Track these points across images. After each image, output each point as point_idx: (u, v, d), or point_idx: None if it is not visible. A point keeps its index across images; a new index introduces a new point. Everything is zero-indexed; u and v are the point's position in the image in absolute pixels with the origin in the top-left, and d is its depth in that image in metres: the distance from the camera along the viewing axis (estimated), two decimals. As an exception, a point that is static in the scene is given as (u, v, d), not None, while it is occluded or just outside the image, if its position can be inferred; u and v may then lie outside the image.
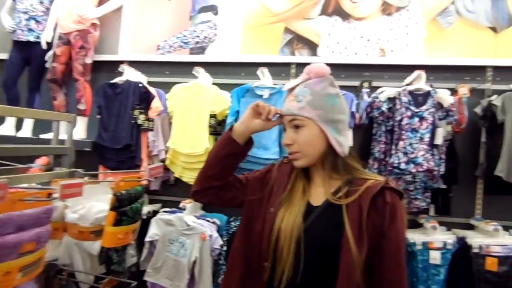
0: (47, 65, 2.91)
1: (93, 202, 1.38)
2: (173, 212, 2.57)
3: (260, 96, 2.55)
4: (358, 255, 0.94)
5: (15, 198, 1.07)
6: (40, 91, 2.99)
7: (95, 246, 1.47)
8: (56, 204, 1.37)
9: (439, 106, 2.33)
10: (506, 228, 2.37)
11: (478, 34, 2.57)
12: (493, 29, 2.58)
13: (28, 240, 1.07)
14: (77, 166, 1.58)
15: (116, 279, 1.43)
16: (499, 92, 2.39)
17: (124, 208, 1.37)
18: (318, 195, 1.07)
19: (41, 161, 1.58)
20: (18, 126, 2.97)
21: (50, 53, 2.90)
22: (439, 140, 2.26)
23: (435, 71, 2.59)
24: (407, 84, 2.46)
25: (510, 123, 2.27)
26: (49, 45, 2.93)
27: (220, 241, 2.45)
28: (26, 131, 2.95)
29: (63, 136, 1.72)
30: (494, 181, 2.33)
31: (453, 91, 2.49)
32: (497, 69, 2.56)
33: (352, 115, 2.44)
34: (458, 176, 2.43)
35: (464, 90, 2.45)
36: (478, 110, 2.45)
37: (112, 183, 1.40)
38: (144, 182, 1.53)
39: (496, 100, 2.34)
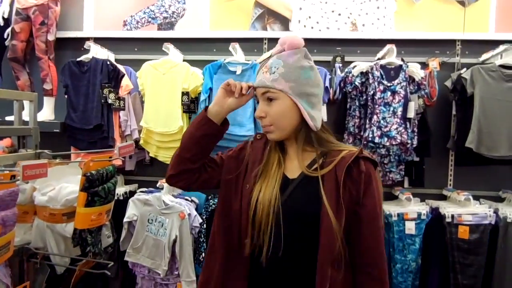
0: (7, 43, 2.75)
1: (63, 183, 1.34)
2: (151, 191, 2.54)
3: (233, 72, 2.51)
4: (337, 225, 0.96)
5: (-23, 181, 1.02)
6: (0, 71, 2.83)
7: (68, 228, 1.44)
8: (23, 187, 1.32)
9: (410, 79, 2.36)
10: (476, 198, 2.49)
11: (447, 8, 2.61)
12: (461, 3, 2.61)
13: (-7, 224, 1.03)
14: (47, 148, 1.52)
15: (92, 260, 1.41)
16: (468, 66, 2.45)
17: (96, 188, 1.34)
18: (294, 168, 1.08)
19: (4, 143, 1.51)
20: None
21: (8, 30, 2.73)
22: (411, 114, 2.31)
23: (406, 45, 2.62)
24: (379, 59, 2.48)
25: (478, 96, 2.34)
26: (7, 21, 2.76)
27: (199, 219, 2.45)
28: (-12, 113, 2.81)
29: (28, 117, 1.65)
30: (465, 152, 2.41)
31: (424, 65, 2.53)
32: (465, 42, 2.62)
33: (326, 90, 2.45)
34: (430, 149, 2.50)
35: (434, 63, 2.49)
36: (448, 83, 2.50)
37: (81, 164, 1.35)
38: (118, 162, 1.50)
39: (465, 73, 2.40)
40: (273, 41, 2.77)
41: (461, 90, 2.42)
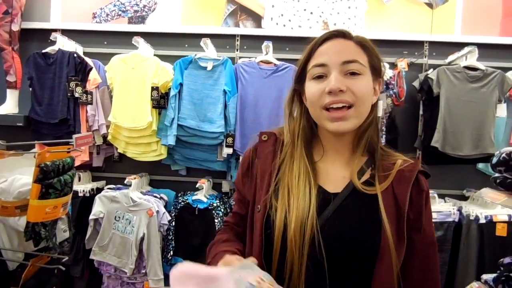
0: (-32, 32, 2.63)
1: (16, 175, 1.29)
2: (118, 188, 2.50)
3: (204, 68, 2.49)
4: (397, 262, 0.75)
5: None
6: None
7: (21, 222, 1.37)
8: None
9: (379, 79, 2.39)
10: (441, 196, 2.55)
11: (415, 9, 2.66)
12: (429, 5, 2.67)
13: None
14: (11, 142, 1.45)
15: (46, 255, 1.36)
16: (436, 67, 2.51)
17: (51, 180, 1.29)
18: (334, 178, 0.84)
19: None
20: None
21: (-31, 19, 2.62)
22: (379, 113, 2.33)
23: (375, 45, 2.65)
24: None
25: (444, 96, 2.40)
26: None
27: (168, 217, 2.42)
28: None
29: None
30: (431, 151, 2.46)
31: (393, 65, 2.57)
32: (433, 44, 2.67)
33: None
34: (398, 148, 2.54)
35: (403, 64, 2.54)
36: (416, 83, 2.55)
37: (37, 155, 1.31)
38: (75, 153, 1.45)
39: (431, 74, 2.45)
40: (245, 38, 2.76)
41: (428, 90, 2.48)
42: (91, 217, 2.39)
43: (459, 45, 2.55)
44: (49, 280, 1.36)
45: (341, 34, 0.82)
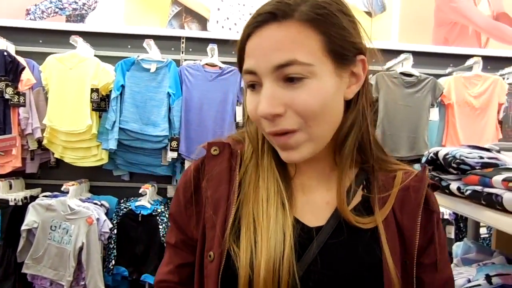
0: None
1: None
2: (55, 196, 2.37)
3: (147, 70, 2.42)
4: None
5: None
6: None
7: None
8: None
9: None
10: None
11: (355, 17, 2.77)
12: (368, 13, 2.80)
13: None
14: None
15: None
16: (375, 72, 2.62)
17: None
18: (315, 204, 0.61)
19: None
20: None
21: None
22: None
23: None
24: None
25: (382, 100, 2.52)
26: None
27: (109, 224, 2.33)
28: None
29: None
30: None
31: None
32: (372, 51, 2.79)
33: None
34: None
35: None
36: (356, 88, 2.65)
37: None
38: (7, 159, 1.34)
39: (371, 79, 2.56)
40: (190, 41, 2.72)
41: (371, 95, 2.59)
42: (24, 227, 2.24)
43: (396, 52, 2.69)
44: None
45: (273, 16, 0.53)
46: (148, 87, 2.44)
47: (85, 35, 2.57)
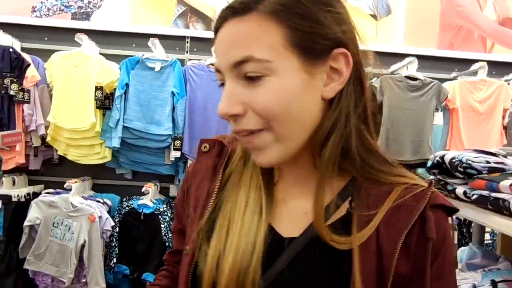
0: None
1: None
2: (57, 193, 2.38)
3: (152, 69, 2.42)
4: None
5: None
6: None
7: None
8: None
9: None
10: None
11: (360, 20, 2.76)
12: (374, 16, 2.80)
13: None
14: None
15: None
16: (380, 75, 2.62)
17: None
18: (293, 212, 0.56)
19: None
20: None
21: None
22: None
23: None
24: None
25: (386, 104, 2.51)
26: None
27: (111, 222, 2.34)
28: None
29: None
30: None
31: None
32: (377, 54, 2.78)
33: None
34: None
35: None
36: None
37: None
38: (11, 155, 1.34)
39: (375, 82, 2.56)
40: (195, 40, 2.72)
41: (373, 98, 2.58)
42: (26, 223, 2.25)
43: (401, 56, 2.68)
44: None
45: (233, 11, 0.50)
46: (152, 86, 2.44)
47: (90, 33, 2.57)
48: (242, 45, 0.49)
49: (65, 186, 2.32)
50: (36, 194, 2.44)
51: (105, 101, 2.41)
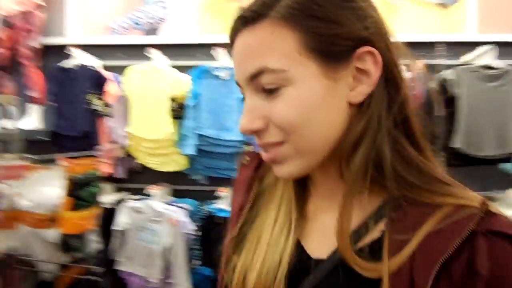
0: (-10, 51, 2.70)
1: (46, 188, 1.32)
2: (141, 199, 2.51)
3: (220, 77, 2.51)
4: None
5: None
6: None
7: (53, 234, 1.42)
8: (4, 192, 1.30)
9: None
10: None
11: (427, 10, 2.65)
12: (441, 5, 2.66)
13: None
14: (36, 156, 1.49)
15: (80, 265, 1.38)
16: (450, 67, 2.49)
17: (80, 192, 1.32)
18: (325, 230, 0.51)
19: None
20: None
21: (-8, 37, 2.70)
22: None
23: None
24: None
25: (464, 96, 2.37)
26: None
27: (192, 226, 2.43)
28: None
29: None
30: (453, 153, 2.42)
31: (407, 67, 2.55)
32: (446, 44, 2.65)
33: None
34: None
35: (418, 65, 2.52)
36: (432, 84, 2.53)
37: (65, 168, 1.33)
38: (103, 168, 1.47)
39: (450, 74, 2.43)
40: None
41: (446, 91, 2.46)
42: (116, 228, 2.41)
43: (474, 44, 2.53)
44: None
45: (244, 21, 0.47)
46: (221, 94, 2.52)
47: (160, 46, 2.71)
48: (256, 56, 0.46)
49: (147, 192, 2.47)
50: (121, 201, 2.61)
51: (179, 111, 2.53)
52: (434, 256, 0.41)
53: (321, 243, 0.50)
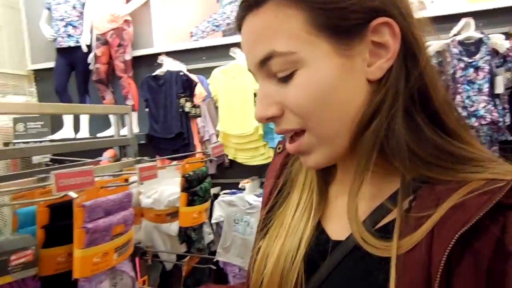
0: (91, 67, 3.01)
1: (163, 186, 1.45)
2: (233, 193, 2.62)
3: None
4: None
5: (97, 185, 1.13)
6: (89, 93, 3.11)
7: (172, 227, 1.56)
8: (131, 191, 1.46)
9: (494, 53, 2.21)
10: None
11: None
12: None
13: (117, 223, 1.13)
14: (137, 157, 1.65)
15: (197, 255, 1.51)
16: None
17: (194, 188, 1.42)
18: (343, 212, 0.47)
19: (108, 154, 1.68)
20: (76, 129, 3.13)
21: (91, 55, 3.00)
22: (500, 89, 2.16)
23: (483, 17, 2.44)
24: (455, 35, 2.34)
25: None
26: (89, 47, 3.02)
27: (282, 216, 2.48)
28: (84, 132, 3.10)
29: (122, 130, 1.80)
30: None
31: (507, 35, 2.33)
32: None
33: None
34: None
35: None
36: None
37: (178, 167, 1.45)
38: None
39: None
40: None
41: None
42: (213, 221, 2.54)
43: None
44: (201, 278, 1.49)
45: (248, 5, 0.46)
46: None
47: (240, 45, 2.79)
48: (263, 41, 0.44)
49: (239, 186, 2.58)
50: (216, 195, 2.75)
51: (263, 106, 2.59)
52: (454, 229, 0.37)
53: (341, 225, 0.49)
